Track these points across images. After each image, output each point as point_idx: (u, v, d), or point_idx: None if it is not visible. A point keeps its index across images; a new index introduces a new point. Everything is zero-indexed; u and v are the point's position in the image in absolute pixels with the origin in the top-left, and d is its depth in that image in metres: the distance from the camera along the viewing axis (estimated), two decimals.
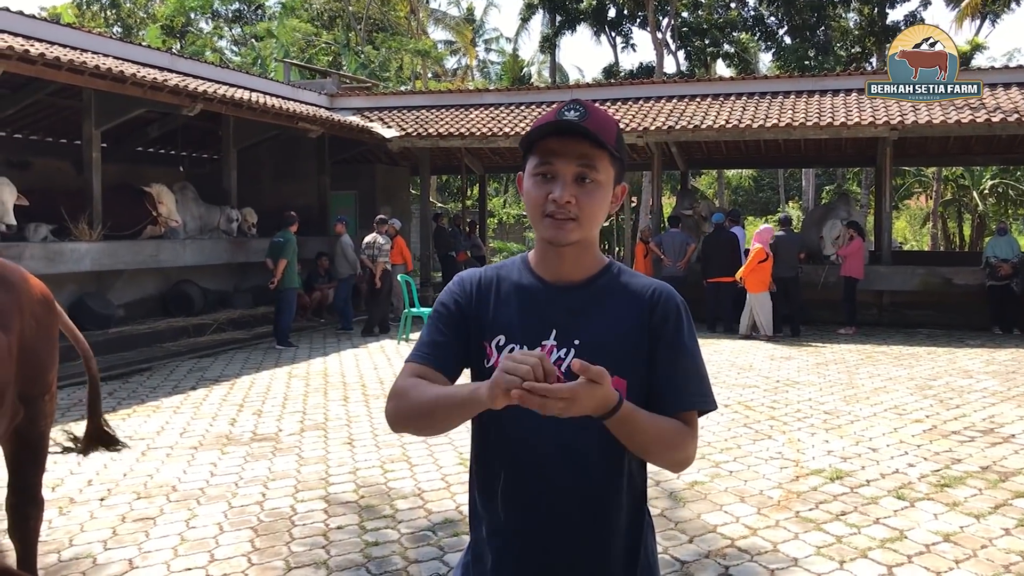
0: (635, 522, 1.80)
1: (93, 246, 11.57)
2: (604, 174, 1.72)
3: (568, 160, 1.69)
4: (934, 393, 8.76)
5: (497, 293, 1.82)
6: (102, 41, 13.60)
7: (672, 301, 1.78)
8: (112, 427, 4.31)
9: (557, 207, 1.68)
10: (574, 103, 1.72)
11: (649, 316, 1.75)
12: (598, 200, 1.72)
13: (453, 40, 44.07)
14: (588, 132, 1.67)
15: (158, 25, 35.24)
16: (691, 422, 1.75)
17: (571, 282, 1.78)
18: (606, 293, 1.78)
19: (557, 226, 1.70)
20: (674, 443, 1.70)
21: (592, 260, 1.80)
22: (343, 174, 18.01)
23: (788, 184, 43.19)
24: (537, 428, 1.68)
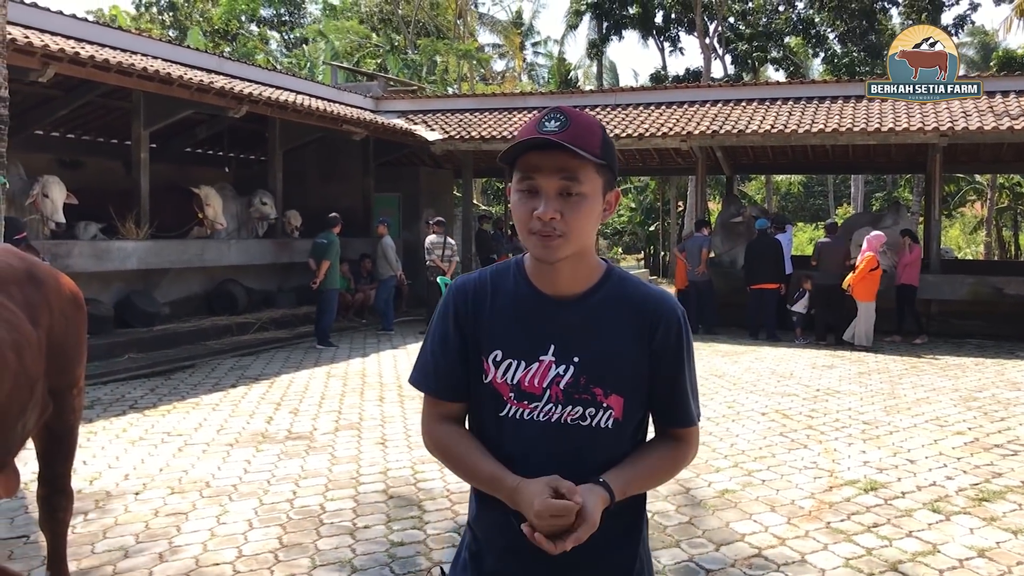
0: (633, 527, 1.79)
1: (140, 245, 11.79)
2: (589, 185, 1.65)
3: (549, 174, 1.63)
4: (979, 405, 8.57)
5: (492, 304, 1.77)
6: (152, 44, 13.88)
7: (674, 315, 1.76)
8: None
9: (542, 224, 1.63)
10: (555, 111, 1.66)
11: (650, 333, 1.73)
12: (584, 213, 1.66)
13: (501, 43, 44.22)
14: (566, 146, 1.60)
15: (200, 28, 35.81)
16: (686, 436, 1.81)
17: (569, 295, 1.73)
18: (606, 307, 1.74)
19: (544, 244, 1.64)
20: (672, 471, 1.83)
21: (589, 270, 1.75)
22: (387, 176, 18.15)
23: (838, 190, 42.63)
24: (534, 444, 1.70)
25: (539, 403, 1.70)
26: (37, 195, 10.63)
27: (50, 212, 10.69)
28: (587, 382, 1.69)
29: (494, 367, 1.73)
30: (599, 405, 1.70)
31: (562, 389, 1.69)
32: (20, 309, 3.10)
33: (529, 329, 1.73)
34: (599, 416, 1.70)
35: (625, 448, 1.74)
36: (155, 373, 9.98)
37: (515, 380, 1.71)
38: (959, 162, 18.42)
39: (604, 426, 1.70)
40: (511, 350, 1.73)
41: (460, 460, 1.76)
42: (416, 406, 8.31)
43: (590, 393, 1.69)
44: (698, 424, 1.82)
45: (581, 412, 1.70)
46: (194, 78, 11.68)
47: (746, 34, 34.04)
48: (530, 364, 1.71)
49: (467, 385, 1.78)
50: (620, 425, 1.72)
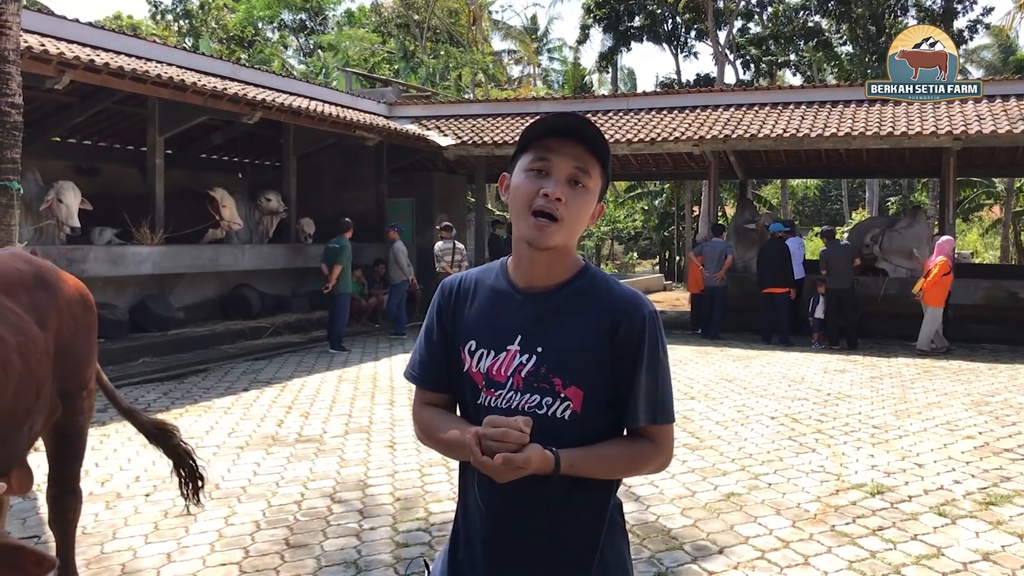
0: (594, 523, 1.79)
1: (155, 250, 11.90)
2: (594, 182, 1.74)
3: (565, 159, 1.71)
4: (990, 410, 8.53)
5: (473, 298, 1.86)
6: (167, 50, 14.00)
7: (638, 314, 1.77)
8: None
9: (547, 202, 1.68)
10: (571, 115, 1.75)
11: (613, 329, 1.75)
12: (585, 206, 1.74)
13: (516, 49, 44.33)
14: (591, 129, 1.71)
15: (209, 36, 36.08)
16: (653, 435, 1.79)
17: (542, 288, 1.79)
18: (574, 301, 1.78)
19: (539, 228, 1.70)
20: (633, 465, 1.81)
21: (565, 266, 1.81)
22: (401, 182, 18.23)
23: (854, 194, 42.45)
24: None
25: (503, 391, 1.77)
26: (52, 200, 10.76)
27: (65, 217, 10.81)
28: (547, 371, 1.74)
29: (469, 357, 1.82)
30: (556, 395, 1.74)
31: (523, 377, 1.75)
32: (27, 312, 3.15)
33: (500, 320, 1.81)
34: (556, 406, 1.74)
35: (584, 443, 1.74)
36: (169, 377, 10.07)
37: (485, 369, 1.79)
38: (974, 166, 18.33)
39: (560, 417, 1.73)
40: (483, 341, 1.81)
41: (436, 432, 1.84)
42: None
43: (548, 382, 1.74)
44: (667, 425, 1.80)
45: (538, 400, 1.74)
46: (208, 84, 11.78)
47: (757, 39, 34.01)
48: (499, 354, 1.78)
49: (449, 376, 1.88)
50: (578, 419, 1.74)
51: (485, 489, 1.77)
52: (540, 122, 1.74)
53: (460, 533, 1.88)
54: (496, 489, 1.71)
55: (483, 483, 1.75)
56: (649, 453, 1.80)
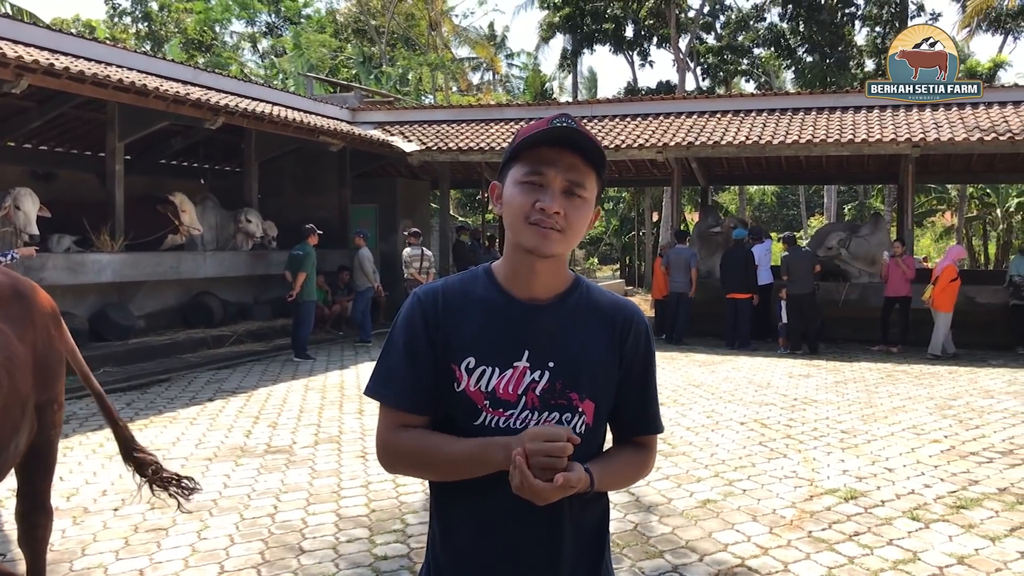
0: (599, 537, 1.78)
1: (115, 257, 11.69)
2: (590, 191, 1.69)
3: (559, 171, 1.64)
4: (954, 413, 8.66)
5: (463, 310, 1.72)
6: (127, 55, 13.79)
7: (642, 324, 1.80)
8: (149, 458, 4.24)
9: (544, 216, 1.62)
10: (563, 116, 1.67)
11: (621, 339, 1.75)
12: (584, 216, 1.68)
13: (475, 56, 44.32)
14: (585, 140, 1.64)
15: (179, 40, 35.66)
16: (651, 444, 1.87)
17: (542, 300, 1.72)
18: (578, 312, 1.74)
19: (542, 235, 1.63)
20: (639, 474, 1.86)
21: (562, 278, 1.76)
22: (364, 187, 18.11)
23: (811, 200, 43.01)
24: None
25: (515, 410, 1.67)
26: (9, 207, 10.51)
27: (23, 224, 10.56)
28: (563, 387, 1.68)
29: (467, 375, 1.68)
30: (575, 410, 1.69)
31: (538, 395, 1.67)
32: (8, 327, 3.06)
33: (503, 335, 1.70)
34: (574, 421, 1.69)
35: (591, 455, 1.72)
36: (131, 387, 9.88)
37: (490, 387, 1.67)
38: (931, 172, 18.67)
39: (578, 431, 1.67)
40: (484, 357, 1.69)
41: (435, 453, 1.67)
42: None
43: (566, 398, 1.68)
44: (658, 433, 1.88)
45: (557, 418, 1.68)
46: (170, 89, 11.61)
47: (715, 47, 34.38)
48: (504, 370, 1.68)
49: (434, 397, 1.71)
50: (590, 431, 1.72)
51: (501, 509, 1.66)
52: (532, 133, 1.66)
53: (442, 560, 1.74)
54: (516, 513, 1.63)
55: (500, 504, 1.65)
56: (648, 460, 1.85)
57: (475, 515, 1.70)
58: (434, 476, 1.73)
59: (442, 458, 1.66)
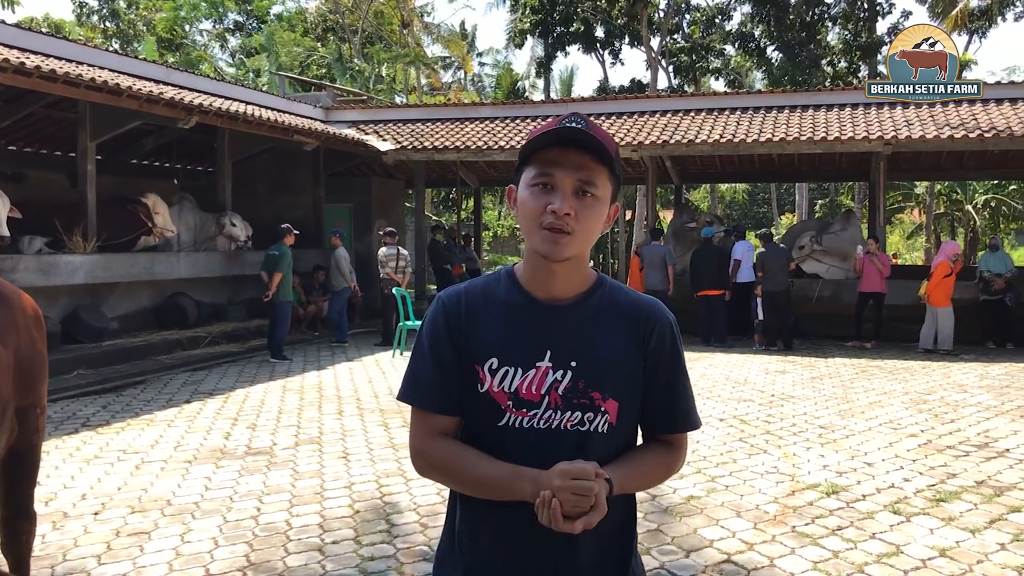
0: (625, 535, 1.79)
1: (87, 259, 11.55)
2: (603, 190, 1.68)
3: (568, 172, 1.64)
4: (929, 408, 8.77)
5: (485, 312, 1.75)
6: (98, 54, 13.62)
7: (667, 321, 1.79)
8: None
9: (555, 218, 1.63)
10: (574, 116, 1.69)
11: (645, 338, 1.75)
12: (596, 216, 1.68)
13: (447, 55, 44.23)
14: (593, 140, 1.64)
15: (154, 39, 35.30)
16: (680, 442, 1.84)
17: (563, 300, 1.73)
18: (600, 312, 1.74)
19: (553, 240, 1.65)
20: (664, 475, 1.85)
21: (583, 276, 1.76)
22: (338, 187, 18.01)
23: (782, 198, 43.35)
24: (533, 451, 1.66)
25: (538, 410, 1.68)
26: None
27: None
28: (585, 387, 1.69)
29: (490, 376, 1.70)
30: (597, 409, 1.69)
31: (560, 395, 1.68)
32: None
33: (525, 336, 1.72)
34: (597, 421, 1.69)
35: (617, 456, 1.73)
36: (106, 389, 9.77)
37: (513, 388, 1.69)
38: (901, 170, 18.89)
39: (600, 431, 1.70)
40: (507, 358, 1.71)
41: (466, 470, 1.70)
42: (376, 419, 8.27)
43: (588, 398, 1.69)
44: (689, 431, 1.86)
45: (580, 417, 1.68)
46: (143, 88, 11.48)
47: (686, 47, 34.58)
48: (527, 371, 1.69)
49: (459, 397, 1.74)
50: (613, 430, 1.72)
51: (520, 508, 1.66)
52: (540, 135, 1.67)
53: (459, 558, 1.76)
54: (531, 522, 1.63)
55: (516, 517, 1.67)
56: (676, 459, 1.83)
57: (494, 514, 1.70)
58: (463, 490, 1.75)
59: (472, 478, 1.70)
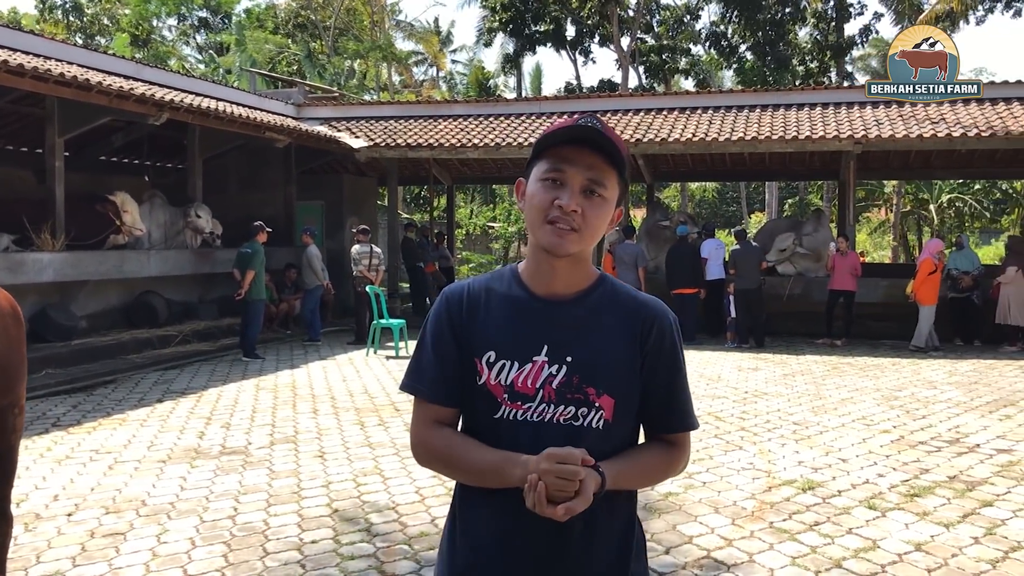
0: (624, 538, 1.78)
1: (56, 256, 11.38)
2: (611, 191, 1.71)
3: (579, 170, 1.67)
4: (900, 404, 8.87)
5: (487, 307, 1.78)
6: (66, 48, 13.42)
7: (666, 320, 1.79)
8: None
9: (562, 214, 1.66)
10: (592, 117, 1.71)
11: (644, 337, 1.75)
12: (602, 215, 1.71)
13: (419, 51, 44.11)
14: (607, 141, 1.67)
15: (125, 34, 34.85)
16: (681, 441, 1.84)
17: (563, 296, 1.76)
18: (599, 309, 1.76)
19: (558, 234, 1.67)
20: (665, 471, 1.84)
21: (584, 274, 1.78)
22: (310, 184, 17.90)
23: (751, 197, 43.66)
24: (527, 445, 1.67)
25: (532, 404, 1.70)
26: None
27: None
28: (580, 382, 1.70)
29: (487, 368, 1.73)
30: (591, 405, 1.70)
31: (555, 389, 1.70)
32: None
33: (522, 330, 1.74)
34: (590, 416, 1.70)
35: (615, 452, 1.73)
36: (76, 389, 9.65)
37: (508, 381, 1.72)
38: (871, 169, 19.07)
39: (595, 427, 1.70)
40: (504, 351, 1.73)
41: (461, 458, 1.73)
42: (351, 418, 8.23)
43: (583, 393, 1.70)
44: (691, 431, 1.84)
45: (573, 412, 1.70)
46: (113, 84, 11.33)
47: (656, 46, 34.75)
48: (523, 365, 1.72)
49: (459, 389, 1.77)
50: (609, 427, 1.72)
51: (507, 512, 1.69)
52: (555, 131, 1.70)
53: (459, 559, 1.78)
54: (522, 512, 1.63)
55: (507, 506, 1.68)
56: (677, 459, 1.83)
57: (489, 505, 1.73)
58: (459, 479, 1.78)
59: (466, 466, 1.73)
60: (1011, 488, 5.84)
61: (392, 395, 9.37)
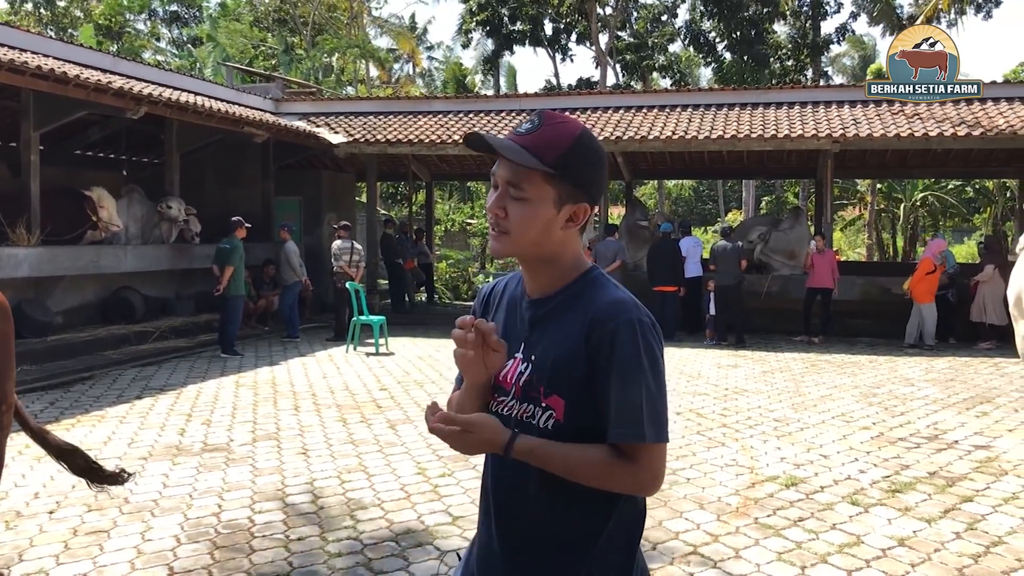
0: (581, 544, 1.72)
1: (31, 251, 11.24)
2: (533, 191, 1.68)
3: (501, 172, 1.73)
4: (879, 401, 8.96)
5: (498, 304, 1.90)
6: (42, 41, 13.27)
7: (612, 321, 1.66)
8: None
9: (491, 217, 1.73)
10: (538, 114, 1.73)
11: (586, 339, 1.67)
12: (525, 217, 1.69)
13: (395, 47, 43.93)
14: (504, 145, 1.69)
15: (92, 25, 34.39)
16: (631, 453, 1.63)
17: (542, 295, 1.79)
18: (562, 308, 1.75)
19: (493, 238, 1.75)
20: (598, 476, 1.65)
21: (560, 273, 1.76)
22: (288, 180, 17.78)
23: (728, 195, 43.88)
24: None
25: (506, 399, 1.79)
26: None
27: None
28: (536, 381, 1.73)
29: None
30: (540, 404, 1.72)
31: (520, 386, 1.75)
32: None
33: (511, 329, 1.82)
34: (540, 416, 1.71)
35: None
36: (52, 385, 9.55)
37: (501, 377, 1.80)
38: (848, 168, 19.23)
39: (543, 426, 1.70)
40: None
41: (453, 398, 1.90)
42: (333, 414, 8.20)
43: (537, 392, 1.72)
44: (654, 445, 1.63)
45: (532, 410, 1.73)
46: (90, 78, 11.20)
47: (634, 44, 34.84)
48: (507, 361, 1.78)
49: None
50: (560, 428, 1.68)
51: (488, 474, 1.85)
52: (465, 143, 1.76)
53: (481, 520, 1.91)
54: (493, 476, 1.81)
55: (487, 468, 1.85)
56: (620, 469, 1.64)
57: (482, 480, 1.89)
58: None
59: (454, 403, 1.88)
60: (990, 484, 5.92)
61: (373, 392, 9.35)
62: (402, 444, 7.01)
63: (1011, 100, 15.44)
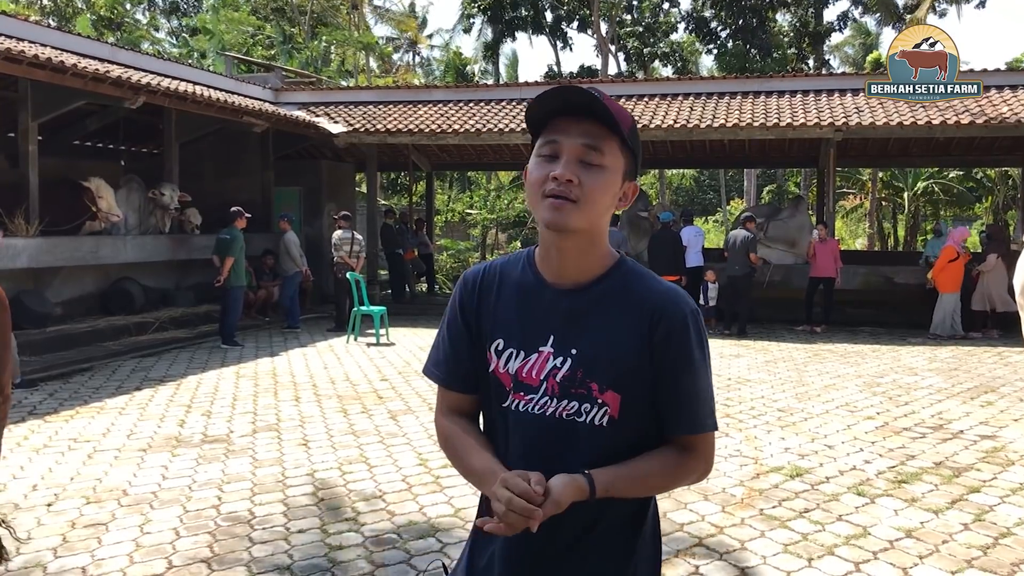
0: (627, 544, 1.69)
1: (30, 242, 11.18)
2: (611, 158, 1.58)
3: (573, 138, 1.57)
4: (883, 390, 8.90)
5: (498, 292, 1.72)
6: (40, 30, 13.16)
7: (678, 312, 1.63)
8: None
9: (557, 185, 1.55)
10: (591, 88, 1.60)
11: (651, 331, 1.61)
12: (603, 185, 1.58)
13: (395, 36, 43.77)
14: (600, 105, 1.55)
15: (88, 15, 34.24)
16: (692, 445, 1.67)
17: (574, 283, 1.65)
18: (609, 299, 1.64)
19: (556, 207, 1.56)
20: (673, 479, 1.69)
21: (598, 258, 1.66)
22: (287, 170, 17.69)
23: (730, 185, 43.74)
24: (530, 437, 1.66)
25: (535, 395, 1.65)
26: None
27: None
28: (583, 376, 1.62)
29: (496, 356, 1.70)
30: (594, 400, 1.62)
31: (558, 382, 1.63)
32: None
33: (530, 318, 1.68)
34: (594, 412, 1.62)
35: (621, 452, 1.63)
36: (52, 376, 9.50)
37: (514, 370, 1.67)
38: (849, 156, 19.14)
39: (599, 424, 1.62)
40: (511, 339, 1.69)
41: (460, 456, 1.72)
42: (334, 405, 8.15)
43: (586, 387, 1.62)
44: (711, 433, 1.68)
45: (576, 407, 1.62)
46: (89, 67, 11.12)
47: (636, 31, 34.70)
48: (529, 354, 1.66)
49: (475, 374, 1.75)
50: (616, 424, 1.62)
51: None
52: (540, 101, 1.60)
53: (480, 537, 1.74)
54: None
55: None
56: (689, 464, 1.67)
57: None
58: (466, 478, 1.76)
59: (462, 467, 1.73)
60: (997, 474, 5.87)
61: (374, 383, 9.30)
62: (403, 435, 6.96)
63: (1015, 88, 15.34)
